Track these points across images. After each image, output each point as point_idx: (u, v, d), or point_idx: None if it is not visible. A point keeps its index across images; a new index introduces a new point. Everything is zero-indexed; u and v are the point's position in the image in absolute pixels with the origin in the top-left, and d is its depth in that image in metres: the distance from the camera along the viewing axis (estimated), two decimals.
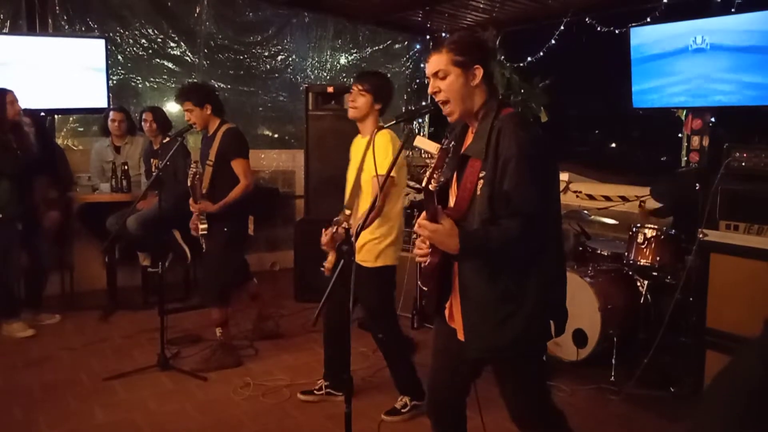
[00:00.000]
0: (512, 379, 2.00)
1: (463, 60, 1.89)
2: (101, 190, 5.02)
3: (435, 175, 1.67)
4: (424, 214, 1.81)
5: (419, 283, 2.01)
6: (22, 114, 4.37)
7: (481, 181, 1.83)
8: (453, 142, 1.88)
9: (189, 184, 3.63)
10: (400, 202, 3.14)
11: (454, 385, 2.12)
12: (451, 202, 1.95)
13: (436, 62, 1.92)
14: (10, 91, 4.27)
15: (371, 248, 3.06)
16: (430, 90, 1.97)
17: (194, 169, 3.63)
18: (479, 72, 1.91)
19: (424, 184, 1.72)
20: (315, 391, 3.38)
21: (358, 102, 3.10)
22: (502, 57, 6.68)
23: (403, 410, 3.19)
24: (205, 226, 3.75)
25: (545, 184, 1.85)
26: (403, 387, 3.24)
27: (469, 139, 1.97)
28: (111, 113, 5.09)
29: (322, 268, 3.15)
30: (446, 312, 2.06)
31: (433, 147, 1.76)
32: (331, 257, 3.16)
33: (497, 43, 6.67)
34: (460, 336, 1.96)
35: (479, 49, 1.93)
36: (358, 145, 3.25)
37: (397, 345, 3.25)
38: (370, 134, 3.03)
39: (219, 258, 3.79)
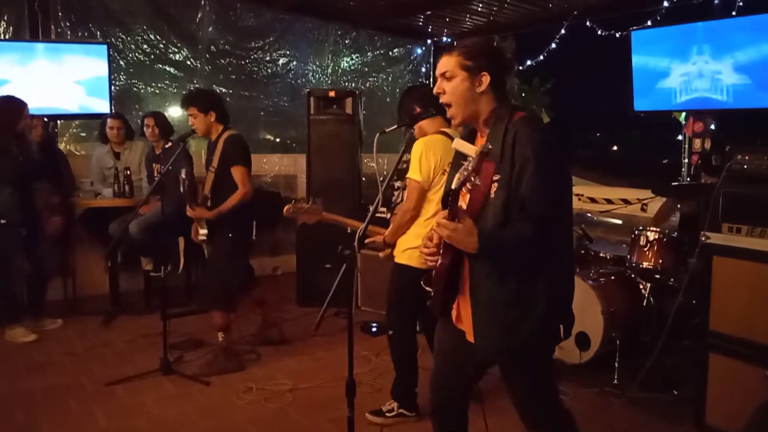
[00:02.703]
0: (521, 381, 2.00)
1: (471, 65, 1.90)
2: (103, 195, 5.03)
3: (472, 179, 1.69)
4: (444, 213, 1.82)
5: (423, 284, 2.00)
6: (32, 121, 4.42)
7: (495, 184, 1.83)
8: (491, 145, 1.88)
9: (182, 190, 3.63)
10: (433, 205, 3.07)
11: (458, 386, 2.13)
12: (462, 205, 1.96)
13: (445, 63, 1.94)
14: (26, 105, 4.32)
15: (402, 241, 3.11)
16: (435, 90, 1.98)
17: (183, 176, 3.63)
18: (486, 79, 1.91)
19: (454, 186, 1.73)
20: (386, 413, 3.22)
21: (417, 132, 3.13)
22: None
23: (387, 414, 3.17)
24: (205, 231, 3.76)
25: (559, 187, 1.86)
26: (396, 392, 3.22)
27: (479, 143, 1.98)
28: (108, 121, 5.11)
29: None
30: (453, 313, 2.06)
31: (471, 150, 1.76)
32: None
33: (513, 54, 6.64)
34: (470, 338, 1.96)
35: (490, 56, 1.93)
36: None
37: (401, 348, 3.21)
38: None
39: (223, 263, 3.80)
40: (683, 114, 4.90)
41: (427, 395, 2.23)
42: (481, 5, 6.25)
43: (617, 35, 5.54)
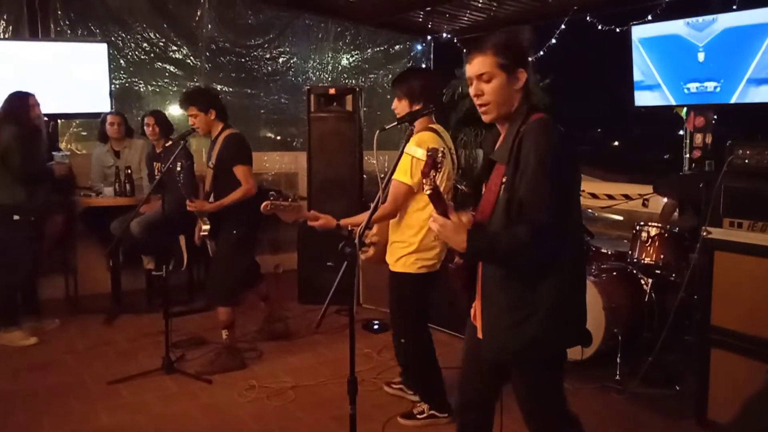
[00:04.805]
0: (526, 384, 1.99)
1: (508, 63, 1.85)
2: (104, 194, 5.03)
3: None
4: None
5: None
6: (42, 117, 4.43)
7: (503, 186, 1.83)
8: (444, 148, 1.87)
9: (179, 182, 3.62)
10: (424, 211, 2.92)
11: (482, 388, 2.13)
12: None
13: (480, 64, 1.87)
14: (33, 95, 4.31)
15: (393, 251, 3.05)
16: (472, 92, 1.91)
17: (179, 168, 3.60)
18: (523, 76, 1.87)
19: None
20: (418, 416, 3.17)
21: (397, 108, 2.98)
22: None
23: (419, 416, 3.13)
24: (207, 227, 3.75)
25: (562, 191, 1.80)
26: (424, 395, 3.18)
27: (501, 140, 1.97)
28: (108, 117, 5.10)
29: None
30: (472, 312, 2.08)
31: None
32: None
33: (532, 44, 6.54)
34: (479, 334, 1.97)
35: (522, 52, 1.90)
36: None
37: (417, 353, 3.13)
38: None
39: (228, 260, 3.80)
40: (684, 109, 4.89)
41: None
42: (480, 1, 6.24)
43: (618, 30, 5.53)
